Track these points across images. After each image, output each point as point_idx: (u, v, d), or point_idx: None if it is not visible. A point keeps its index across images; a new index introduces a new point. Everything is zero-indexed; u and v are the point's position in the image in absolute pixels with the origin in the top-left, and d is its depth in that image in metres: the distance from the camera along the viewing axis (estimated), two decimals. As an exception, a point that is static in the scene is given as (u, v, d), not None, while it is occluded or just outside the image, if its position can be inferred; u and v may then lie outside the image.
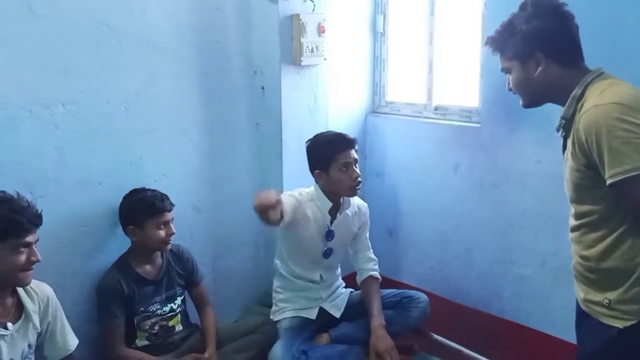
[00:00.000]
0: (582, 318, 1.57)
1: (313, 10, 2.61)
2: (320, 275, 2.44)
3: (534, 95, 1.56)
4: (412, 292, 2.55)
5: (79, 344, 1.94)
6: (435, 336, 2.70)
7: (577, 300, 1.60)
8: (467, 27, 2.71)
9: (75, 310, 2.14)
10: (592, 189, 1.42)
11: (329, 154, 2.26)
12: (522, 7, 1.53)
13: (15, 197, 1.70)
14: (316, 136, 2.35)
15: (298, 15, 2.55)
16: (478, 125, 2.64)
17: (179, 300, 2.27)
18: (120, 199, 2.17)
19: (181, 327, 2.28)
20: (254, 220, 2.76)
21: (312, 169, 2.33)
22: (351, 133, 3.06)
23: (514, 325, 2.59)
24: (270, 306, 2.48)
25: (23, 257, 1.65)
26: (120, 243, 2.22)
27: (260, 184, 2.76)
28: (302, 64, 2.60)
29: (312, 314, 2.41)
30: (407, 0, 2.98)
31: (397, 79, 3.11)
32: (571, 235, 1.57)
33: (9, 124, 1.91)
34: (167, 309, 2.22)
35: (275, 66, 2.59)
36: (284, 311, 2.41)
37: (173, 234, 2.18)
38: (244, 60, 2.63)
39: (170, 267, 2.27)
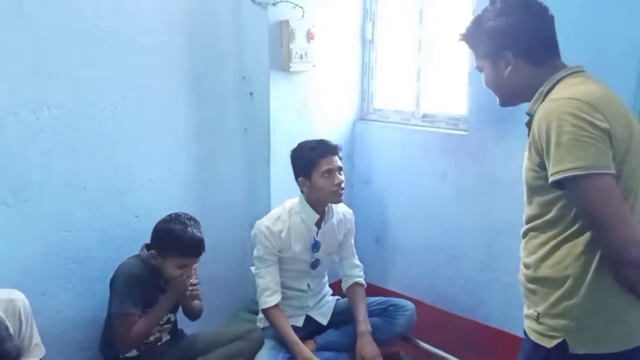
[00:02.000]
0: (525, 335, 1.49)
1: (302, 16, 2.61)
2: (308, 284, 2.43)
3: (505, 95, 1.49)
4: (399, 299, 2.54)
5: (64, 351, 1.91)
6: (422, 343, 2.69)
7: None
8: (455, 35, 2.72)
9: (59, 317, 2.11)
10: (542, 191, 1.35)
11: (311, 160, 2.24)
12: (492, 3, 1.45)
13: None
14: (300, 144, 2.34)
15: (287, 21, 2.55)
16: (465, 133, 2.66)
17: (176, 311, 2.24)
18: (106, 204, 2.15)
19: (168, 337, 2.24)
20: (242, 226, 2.78)
21: (296, 177, 2.32)
22: (339, 140, 3.08)
23: (501, 333, 2.59)
24: (257, 313, 2.46)
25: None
26: (105, 249, 2.19)
27: (249, 189, 2.76)
28: (291, 70, 2.61)
29: (299, 322, 2.40)
30: (396, 8, 2.99)
31: (386, 86, 3.12)
32: (521, 243, 1.50)
33: (-6, 127, 1.89)
34: (165, 318, 2.17)
35: (264, 72, 2.59)
36: None
37: (189, 277, 2.09)
38: (233, 65, 2.62)
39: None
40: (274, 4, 2.51)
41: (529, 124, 1.41)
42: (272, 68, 2.58)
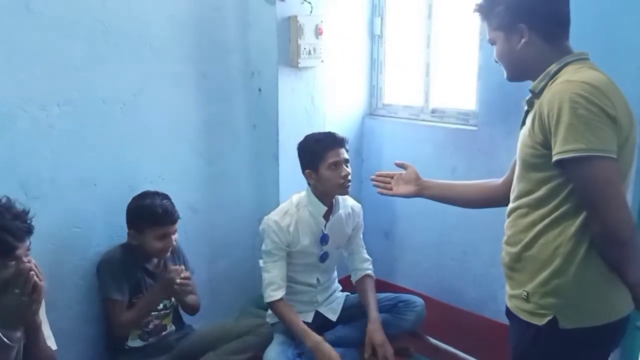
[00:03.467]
0: (509, 316, 1.56)
1: (311, 12, 2.61)
2: (317, 278, 2.43)
3: (515, 69, 1.50)
4: (408, 296, 2.54)
5: (73, 347, 1.92)
6: (431, 339, 2.69)
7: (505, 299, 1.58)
8: (464, 30, 2.71)
9: (69, 313, 2.13)
10: (537, 169, 1.40)
11: (318, 152, 2.25)
12: None
13: (1, 207, 1.61)
14: (306, 136, 2.35)
15: (296, 17, 2.54)
16: (475, 128, 2.64)
17: (173, 298, 2.26)
18: (116, 201, 2.16)
19: (173, 327, 2.26)
20: (251, 222, 2.78)
21: (303, 169, 2.33)
22: (348, 135, 3.06)
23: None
24: (266, 309, 2.46)
25: (11, 271, 1.55)
26: (115, 244, 2.20)
27: (257, 185, 2.76)
28: (300, 65, 2.60)
29: (308, 318, 2.40)
30: (404, 2, 2.98)
31: (394, 82, 3.11)
32: (506, 222, 1.54)
33: (4, 123, 1.90)
34: (161, 304, 2.20)
35: (272, 68, 2.59)
36: None
37: (171, 246, 2.15)
38: (241, 61, 2.62)
39: (166, 263, 2.25)
40: (282, 0, 2.51)
41: (530, 101, 1.46)
42: (281, 64, 2.58)
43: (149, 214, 2.08)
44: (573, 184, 1.33)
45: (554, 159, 1.30)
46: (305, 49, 2.59)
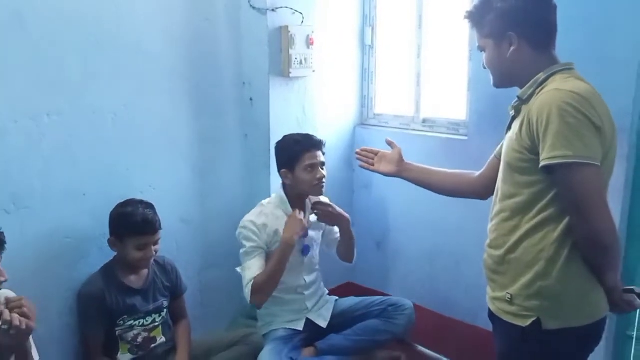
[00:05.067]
0: (492, 319, 1.60)
1: (302, 22, 2.62)
2: (304, 279, 2.42)
3: (503, 75, 1.54)
4: (397, 299, 2.53)
5: (64, 358, 1.90)
6: (423, 349, 2.69)
7: (487, 302, 1.62)
8: (455, 40, 2.73)
9: (60, 323, 2.11)
10: (524, 173, 1.43)
11: (295, 153, 2.27)
12: None
13: None
14: (285, 137, 2.37)
15: (287, 27, 2.55)
16: (465, 138, 2.65)
17: (164, 312, 2.24)
18: (106, 211, 2.15)
19: (163, 338, 2.24)
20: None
21: (279, 168, 2.34)
22: (340, 145, 3.09)
23: (502, 338, 2.58)
24: (256, 319, 2.45)
25: None
26: (105, 256, 2.19)
27: (249, 195, 2.75)
28: (291, 75, 2.61)
29: (299, 325, 2.39)
30: (395, 13, 3.00)
31: (385, 92, 3.12)
32: (489, 225, 1.58)
33: (-6, 134, 1.89)
34: (150, 319, 2.19)
35: (264, 78, 2.59)
36: (271, 324, 2.38)
37: (152, 257, 2.14)
38: (233, 71, 2.62)
39: (157, 277, 2.23)
40: (273, 10, 2.52)
41: (517, 107, 1.50)
42: (272, 74, 2.58)
43: (129, 222, 2.06)
44: (559, 190, 1.37)
45: (542, 164, 1.34)
46: (296, 59, 2.60)
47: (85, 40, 2.08)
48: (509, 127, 1.55)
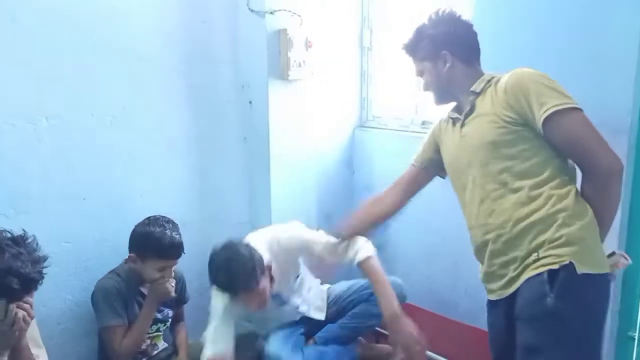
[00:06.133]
0: (492, 309, 1.72)
1: (300, 25, 2.62)
2: (296, 310, 2.32)
3: (443, 90, 1.73)
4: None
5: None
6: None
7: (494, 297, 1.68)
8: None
9: (59, 328, 2.11)
10: (511, 144, 1.54)
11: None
12: (428, 19, 1.74)
13: (20, 245, 1.48)
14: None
15: (285, 30, 2.55)
16: (465, 139, 2.65)
17: (168, 322, 2.25)
18: (105, 215, 2.14)
19: (165, 344, 2.24)
20: (242, 235, 2.76)
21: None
22: (338, 147, 3.08)
23: (503, 339, 2.58)
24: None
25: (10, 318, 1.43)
26: (105, 260, 2.19)
27: (248, 198, 2.75)
28: (290, 78, 2.61)
29: (296, 318, 2.35)
30: (393, 15, 3.00)
31: (385, 94, 3.12)
32: (479, 210, 1.64)
33: (-8, 138, 1.89)
34: (155, 327, 2.18)
35: (262, 80, 2.59)
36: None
37: (169, 278, 2.09)
38: (231, 74, 2.62)
39: None
40: (271, 13, 2.52)
41: (473, 102, 1.64)
42: (271, 76, 2.58)
43: (157, 245, 2.02)
44: (561, 137, 1.48)
45: (548, 113, 1.45)
46: (295, 61, 2.59)
47: (83, 43, 2.08)
48: (463, 124, 1.67)
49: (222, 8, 2.54)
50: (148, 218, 2.10)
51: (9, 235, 1.50)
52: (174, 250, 2.05)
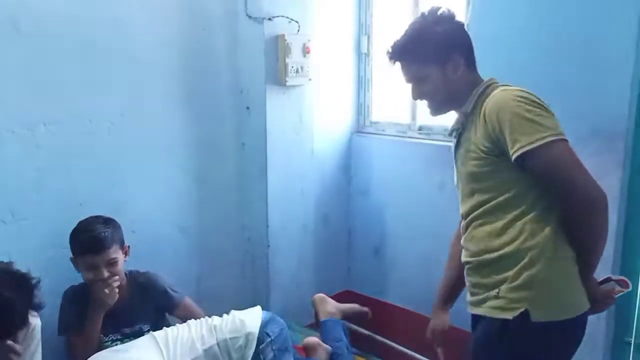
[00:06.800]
0: (475, 326, 1.60)
1: (298, 31, 2.63)
2: None
3: (448, 98, 1.56)
4: None
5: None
6: (420, 356, 2.67)
7: (469, 309, 1.60)
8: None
9: (56, 336, 2.09)
10: (487, 177, 1.47)
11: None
12: (422, 17, 1.58)
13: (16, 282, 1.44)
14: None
15: (283, 35, 2.56)
16: (462, 144, 2.66)
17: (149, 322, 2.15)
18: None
19: None
20: (239, 240, 2.77)
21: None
22: (336, 152, 3.08)
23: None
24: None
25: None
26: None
27: (246, 203, 2.75)
28: (287, 84, 2.62)
29: None
30: (390, 21, 3.01)
31: (382, 99, 3.13)
32: (463, 238, 1.60)
33: (-9, 145, 1.89)
34: (137, 327, 2.10)
35: (260, 86, 2.60)
36: None
37: (102, 279, 1.95)
38: (229, 80, 2.63)
39: (134, 301, 2.08)
40: (269, 19, 2.53)
41: (463, 123, 1.54)
42: (269, 82, 2.59)
43: (75, 238, 1.97)
44: (538, 172, 1.38)
45: (518, 153, 1.36)
46: (292, 67, 2.60)
47: (82, 49, 2.09)
48: (457, 146, 1.58)
49: (221, 14, 2.55)
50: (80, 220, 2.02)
51: (14, 270, 1.47)
52: (91, 242, 1.92)
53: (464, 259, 1.60)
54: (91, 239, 1.94)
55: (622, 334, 2.17)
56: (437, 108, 1.61)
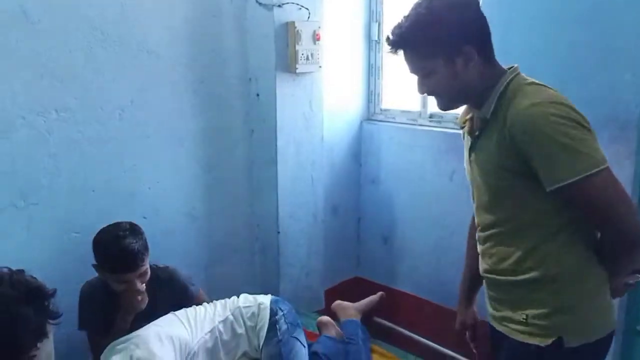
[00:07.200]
0: (496, 339, 1.48)
1: (308, 18, 2.61)
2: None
3: (458, 95, 1.37)
4: None
5: (72, 353, 1.92)
6: (430, 342, 2.68)
7: (490, 320, 1.51)
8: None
9: (69, 317, 2.11)
10: (510, 193, 1.31)
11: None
12: (432, 1, 1.30)
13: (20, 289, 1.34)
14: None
15: (293, 22, 2.55)
16: (473, 132, 2.64)
17: None
18: (114, 207, 2.16)
19: None
20: (248, 228, 2.78)
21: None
22: (345, 140, 3.08)
23: (510, 333, 2.57)
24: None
25: None
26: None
27: (255, 191, 2.76)
28: (297, 71, 2.60)
29: None
30: (401, 8, 2.99)
31: (392, 87, 3.12)
32: (481, 248, 1.47)
33: (3, 130, 1.91)
34: None
35: (270, 73, 2.59)
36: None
37: (138, 290, 1.89)
38: (239, 67, 2.63)
39: (156, 296, 2.02)
40: (279, 6, 2.52)
41: (483, 123, 1.34)
42: (279, 69, 2.58)
43: (105, 257, 1.87)
44: (576, 204, 1.25)
45: (554, 187, 1.21)
46: (303, 54, 2.59)
47: (93, 37, 2.09)
48: (472, 147, 1.40)
49: (230, 1, 2.54)
50: (109, 225, 1.94)
51: (27, 281, 1.40)
52: (123, 262, 1.84)
53: (483, 270, 1.48)
54: (124, 256, 1.84)
55: (633, 323, 2.16)
56: (447, 105, 1.41)
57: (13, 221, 1.97)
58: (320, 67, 2.71)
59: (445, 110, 1.46)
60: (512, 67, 1.36)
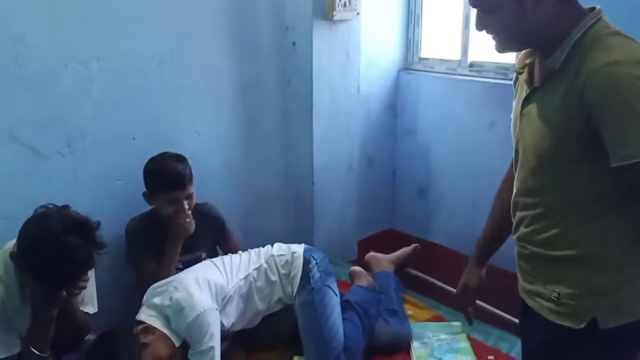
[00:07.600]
0: (526, 312, 1.39)
1: (346, -38, 2.54)
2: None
3: (522, 37, 1.21)
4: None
5: (113, 283, 2.06)
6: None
7: (520, 292, 1.43)
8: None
9: (107, 257, 2.18)
10: (562, 159, 1.18)
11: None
12: None
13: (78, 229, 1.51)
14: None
15: (331, -32, 2.48)
16: (514, 82, 2.57)
17: None
18: (153, 153, 2.19)
19: None
20: (284, 179, 2.80)
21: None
22: (382, 91, 3.03)
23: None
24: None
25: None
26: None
27: (291, 141, 2.76)
28: (335, 18, 2.55)
29: None
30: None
31: (432, 35, 3.03)
32: (517, 214, 1.35)
33: (48, 79, 1.94)
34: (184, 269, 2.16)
35: (307, 21, 2.55)
36: None
37: (183, 211, 2.05)
38: (275, 16, 2.59)
39: (197, 229, 2.14)
40: (317, -50, 2.45)
41: (548, 74, 1.19)
42: (315, 17, 2.53)
43: (158, 177, 2.06)
44: (636, 184, 1.11)
45: (624, 163, 1.06)
46: (340, 1, 2.53)
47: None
48: (527, 99, 1.26)
49: (267, -53, 2.48)
50: (154, 156, 2.12)
51: (75, 215, 1.56)
52: (174, 179, 2.03)
53: (516, 237, 1.39)
54: (174, 175, 2.04)
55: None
56: (505, 46, 1.25)
57: (59, 168, 2.03)
58: (358, 14, 2.65)
59: (502, 52, 1.28)
60: (593, 8, 1.17)
